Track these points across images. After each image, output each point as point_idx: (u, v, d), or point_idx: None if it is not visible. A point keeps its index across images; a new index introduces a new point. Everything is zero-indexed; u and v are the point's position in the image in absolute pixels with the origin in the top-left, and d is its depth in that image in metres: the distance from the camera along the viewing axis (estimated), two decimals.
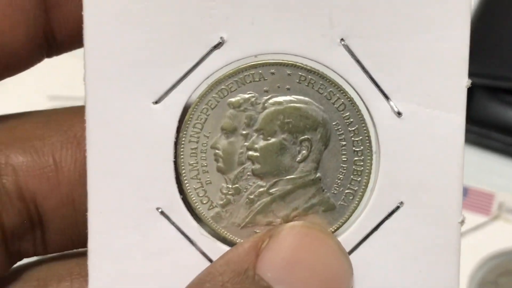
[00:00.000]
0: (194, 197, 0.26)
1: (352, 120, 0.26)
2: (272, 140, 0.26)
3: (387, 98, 0.26)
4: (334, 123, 0.26)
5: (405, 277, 0.26)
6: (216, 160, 0.26)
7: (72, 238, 0.29)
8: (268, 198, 0.26)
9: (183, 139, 0.26)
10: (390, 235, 0.26)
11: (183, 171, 0.26)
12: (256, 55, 0.26)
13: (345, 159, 0.26)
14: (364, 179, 0.27)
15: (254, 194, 0.26)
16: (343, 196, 0.27)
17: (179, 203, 0.26)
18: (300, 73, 0.26)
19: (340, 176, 0.27)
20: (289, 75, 0.26)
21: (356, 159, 0.27)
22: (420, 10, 0.26)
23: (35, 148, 0.28)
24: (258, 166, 0.26)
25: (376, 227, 0.26)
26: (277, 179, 0.26)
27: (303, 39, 0.26)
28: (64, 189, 0.28)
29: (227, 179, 0.26)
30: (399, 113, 0.26)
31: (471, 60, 0.26)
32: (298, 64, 0.26)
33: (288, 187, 0.26)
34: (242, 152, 0.26)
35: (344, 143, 0.26)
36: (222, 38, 0.26)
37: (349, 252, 0.26)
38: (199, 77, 0.26)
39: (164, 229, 0.26)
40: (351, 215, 0.27)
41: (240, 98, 0.26)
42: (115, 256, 0.26)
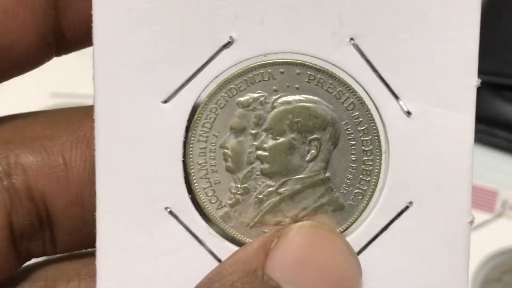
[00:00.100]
0: (203, 196, 0.26)
1: (361, 119, 0.26)
2: (281, 139, 0.26)
3: (396, 97, 0.26)
4: (343, 123, 0.26)
5: (414, 277, 0.26)
6: (225, 159, 0.26)
7: (81, 238, 0.29)
8: (277, 198, 0.26)
9: (192, 138, 0.26)
10: (399, 235, 0.26)
11: (192, 171, 0.26)
12: (265, 54, 0.26)
13: (354, 158, 0.26)
14: (373, 179, 0.26)
15: (263, 194, 0.26)
16: (352, 196, 0.27)
17: (188, 202, 0.26)
18: (309, 72, 0.26)
19: (349, 175, 0.26)
20: (298, 74, 0.26)
21: (365, 158, 0.26)
22: (430, 10, 0.26)
23: (45, 148, 0.28)
24: (267, 165, 0.26)
25: (385, 227, 0.26)
26: (286, 179, 0.26)
27: (313, 39, 0.26)
28: (74, 189, 0.28)
29: (236, 179, 0.26)
30: (409, 112, 0.26)
31: None
32: (307, 63, 0.26)
33: (297, 186, 0.26)
34: (251, 151, 0.26)
35: (354, 142, 0.26)
36: (231, 38, 0.26)
37: (358, 252, 0.26)
38: (208, 76, 0.26)
39: (173, 228, 0.26)
40: (360, 215, 0.27)
41: (249, 97, 0.26)
42: (123, 256, 0.26)
